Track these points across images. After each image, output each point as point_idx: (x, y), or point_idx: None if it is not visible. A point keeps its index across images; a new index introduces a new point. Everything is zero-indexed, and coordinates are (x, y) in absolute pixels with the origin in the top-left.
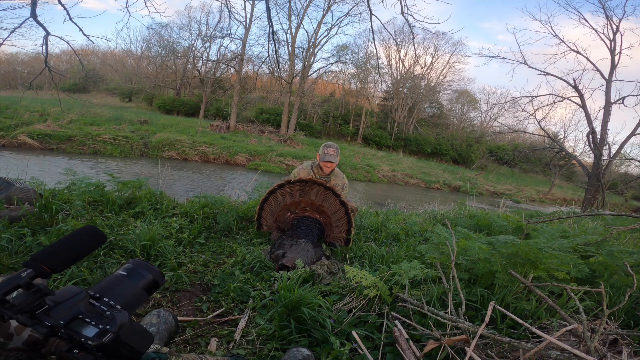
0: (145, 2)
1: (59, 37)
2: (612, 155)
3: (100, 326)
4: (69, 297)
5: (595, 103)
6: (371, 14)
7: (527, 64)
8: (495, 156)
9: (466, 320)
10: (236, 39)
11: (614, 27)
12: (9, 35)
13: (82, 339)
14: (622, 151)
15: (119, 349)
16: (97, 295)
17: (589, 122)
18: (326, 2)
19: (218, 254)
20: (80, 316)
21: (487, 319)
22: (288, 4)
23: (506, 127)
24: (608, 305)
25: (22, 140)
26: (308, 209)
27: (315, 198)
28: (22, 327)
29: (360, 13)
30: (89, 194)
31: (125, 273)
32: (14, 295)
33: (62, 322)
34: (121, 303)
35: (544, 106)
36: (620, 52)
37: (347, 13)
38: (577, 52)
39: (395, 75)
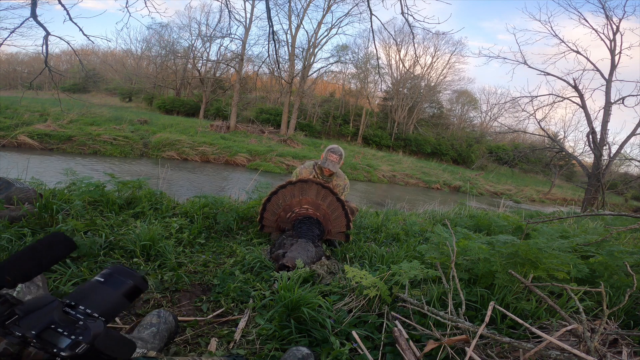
0: (145, 2)
1: (59, 37)
2: (612, 155)
3: (73, 337)
4: (41, 306)
5: (595, 103)
6: (371, 14)
7: (527, 64)
8: (495, 156)
9: (466, 320)
10: (236, 39)
11: (614, 27)
12: (9, 35)
13: (55, 350)
14: (622, 151)
15: (96, 359)
16: (73, 303)
17: (589, 122)
18: (326, 2)
19: (218, 254)
20: (52, 326)
21: (487, 319)
22: (288, 4)
23: (506, 127)
24: (608, 305)
25: (22, 140)
26: (308, 207)
27: (315, 197)
28: None
29: (360, 13)
30: (89, 194)
31: (102, 279)
32: None
33: (33, 332)
34: (98, 311)
35: (544, 106)
36: (620, 52)
37: (347, 13)
38: (577, 52)
39: (395, 75)
